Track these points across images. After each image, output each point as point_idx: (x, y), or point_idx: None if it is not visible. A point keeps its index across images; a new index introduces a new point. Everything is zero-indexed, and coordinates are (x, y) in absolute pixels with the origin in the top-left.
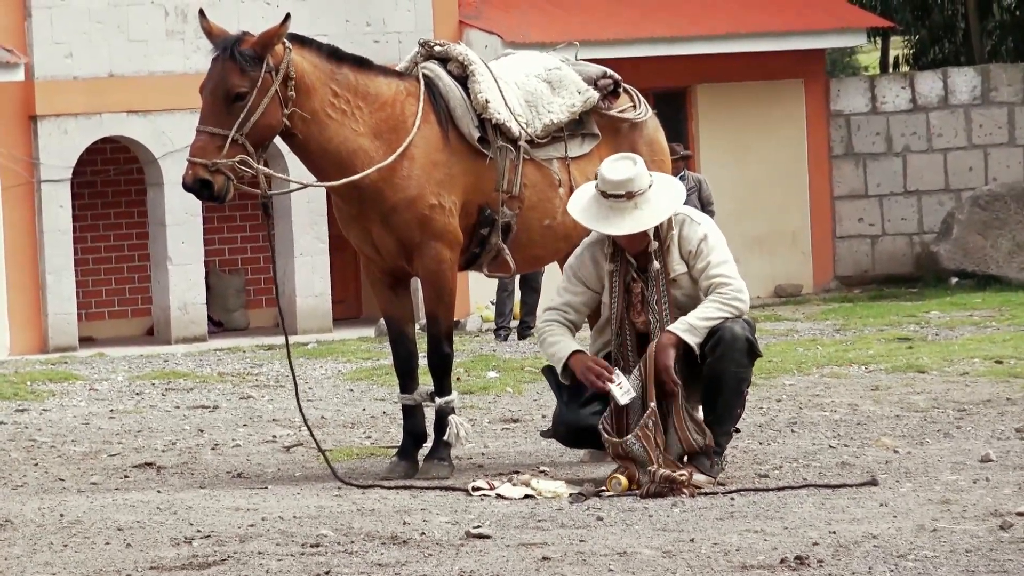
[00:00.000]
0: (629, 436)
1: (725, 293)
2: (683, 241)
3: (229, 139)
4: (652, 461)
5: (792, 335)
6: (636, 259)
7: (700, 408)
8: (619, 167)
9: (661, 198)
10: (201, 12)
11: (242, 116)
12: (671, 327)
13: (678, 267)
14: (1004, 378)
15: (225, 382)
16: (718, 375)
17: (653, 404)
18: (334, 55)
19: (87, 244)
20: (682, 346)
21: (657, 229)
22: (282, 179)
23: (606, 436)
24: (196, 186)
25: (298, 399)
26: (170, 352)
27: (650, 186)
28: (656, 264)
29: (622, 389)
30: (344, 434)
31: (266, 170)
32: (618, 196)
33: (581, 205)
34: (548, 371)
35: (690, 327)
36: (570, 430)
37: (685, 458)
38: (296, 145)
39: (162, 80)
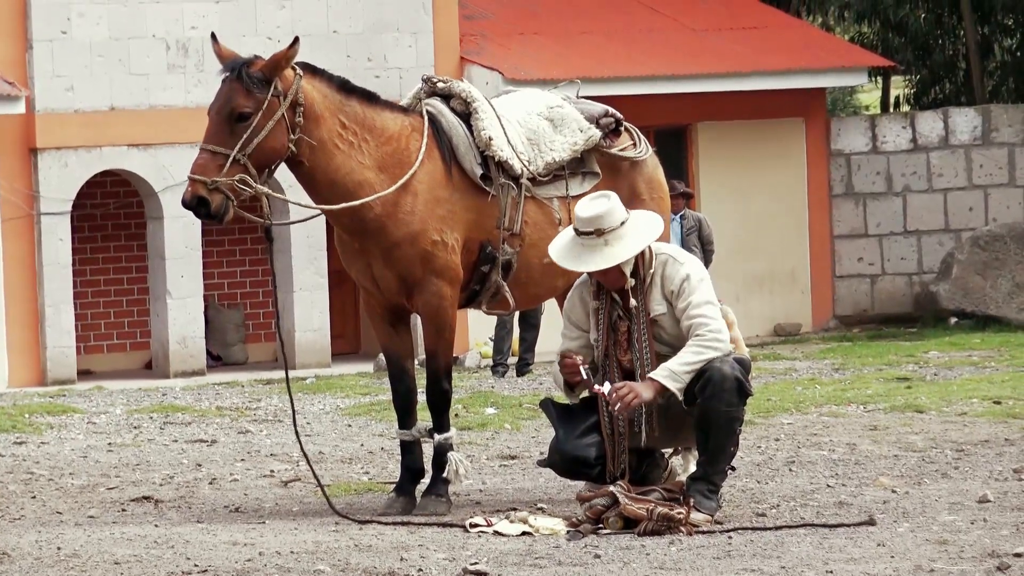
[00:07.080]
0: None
1: (703, 335)
2: (665, 280)
3: (230, 158)
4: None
5: (791, 374)
6: (620, 297)
7: (694, 448)
8: (592, 205)
9: (634, 234)
10: (213, 36)
11: (245, 136)
12: (652, 373)
13: (658, 307)
14: (1002, 419)
15: (223, 416)
16: (708, 415)
17: (613, 489)
18: (344, 87)
19: (86, 277)
20: (664, 392)
21: (636, 267)
22: (282, 200)
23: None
24: (194, 203)
25: (297, 432)
26: (168, 386)
27: (623, 223)
28: (634, 302)
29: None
30: (342, 469)
31: (265, 189)
32: (588, 233)
33: (558, 245)
34: (545, 403)
35: (671, 373)
36: (565, 459)
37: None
38: (302, 174)
39: (163, 114)
